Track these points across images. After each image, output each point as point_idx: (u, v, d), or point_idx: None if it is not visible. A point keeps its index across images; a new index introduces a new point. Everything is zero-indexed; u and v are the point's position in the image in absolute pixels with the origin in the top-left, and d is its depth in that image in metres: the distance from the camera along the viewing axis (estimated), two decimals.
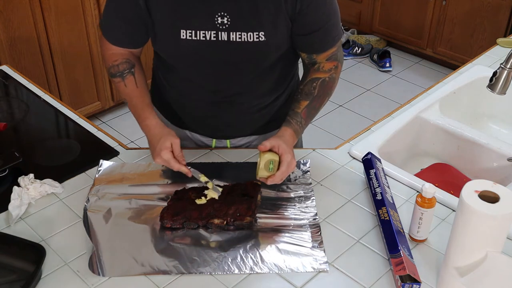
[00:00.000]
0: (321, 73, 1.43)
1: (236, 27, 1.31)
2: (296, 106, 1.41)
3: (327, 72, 1.43)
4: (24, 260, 1.19)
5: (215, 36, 1.32)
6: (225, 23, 1.31)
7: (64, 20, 2.96)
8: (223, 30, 1.31)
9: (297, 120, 1.40)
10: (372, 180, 1.37)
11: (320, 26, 1.36)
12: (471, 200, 1.01)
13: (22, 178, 1.37)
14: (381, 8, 4.20)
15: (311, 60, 1.44)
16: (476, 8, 3.65)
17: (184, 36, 1.32)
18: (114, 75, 1.45)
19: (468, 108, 1.94)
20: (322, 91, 1.43)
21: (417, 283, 1.12)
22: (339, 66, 1.46)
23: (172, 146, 1.36)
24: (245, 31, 1.31)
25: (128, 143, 3.22)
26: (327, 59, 1.43)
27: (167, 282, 1.16)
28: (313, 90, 1.42)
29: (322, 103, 1.45)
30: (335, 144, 1.64)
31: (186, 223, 1.28)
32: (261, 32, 1.31)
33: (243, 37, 1.32)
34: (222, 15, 1.30)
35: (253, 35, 1.32)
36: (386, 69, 4.08)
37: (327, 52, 1.42)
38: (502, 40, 2.23)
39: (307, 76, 1.44)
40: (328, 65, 1.43)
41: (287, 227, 1.29)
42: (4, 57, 2.82)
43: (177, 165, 1.35)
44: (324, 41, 1.40)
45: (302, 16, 1.33)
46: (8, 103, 1.83)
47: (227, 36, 1.32)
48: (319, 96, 1.43)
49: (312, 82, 1.43)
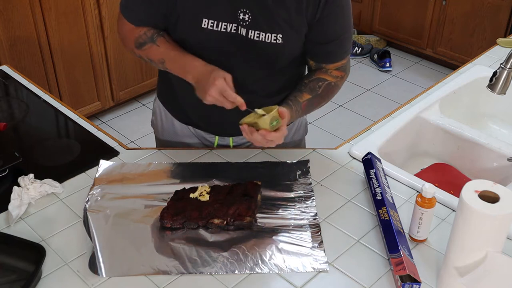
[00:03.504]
0: (328, 76, 1.45)
1: (256, 26, 1.32)
2: (299, 95, 1.42)
3: (334, 78, 1.45)
4: (24, 260, 1.19)
5: (235, 30, 1.33)
6: (246, 19, 1.32)
7: (64, 20, 2.96)
8: (243, 26, 1.33)
9: (296, 108, 1.40)
10: (372, 180, 1.37)
11: (335, 38, 1.39)
12: (471, 200, 1.01)
13: (22, 178, 1.37)
14: (381, 8, 4.20)
15: (319, 67, 1.46)
16: (476, 8, 3.65)
17: (205, 25, 1.33)
18: (144, 44, 1.41)
19: (468, 108, 1.94)
20: (325, 92, 1.45)
21: (417, 283, 1.12)
22: (345, 77, 1.49)
23: (225, 79, 1.30)
24: (264, 31, 1.33)
25: (128, 143, 3.22)
26: (336, 68, 1.45)
27: (167, 282, 1.16)
28: (318, 88, 1.43)
29: (320, 103, 1.47)
30: (335, 144, 1.64)
31: (186, 223, 1.28)
32: (280, 34, 1.33)
33: (261, 36, 1.33)
34: (244, 11, 1.31)
35: (271, 36, 1.33)
36: (386, 69, 4.08)
37: (336, 63, 1.44)
38: (502, 40, 2.23)
39: (314, 75, 1.46)
40: (336, 73, 1.46)
41: (287, 227, 1.29)
42: (4, 57, 2.82)
43: (233, 94, 1.29)
44: (336, 53, 1.43)
45: (320, 25, 1.34)
46: (8, 103, 1.83)
47: (245, 32, 1.33)
48: (322, 96, 1.45)
49: (318, 80, 1.44)
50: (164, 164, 1.50)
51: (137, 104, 3.63)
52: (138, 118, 3.48)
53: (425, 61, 4.20)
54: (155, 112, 1.69)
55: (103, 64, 3.24)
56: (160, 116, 1.66)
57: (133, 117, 3.51)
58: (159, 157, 1.54)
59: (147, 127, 3.34)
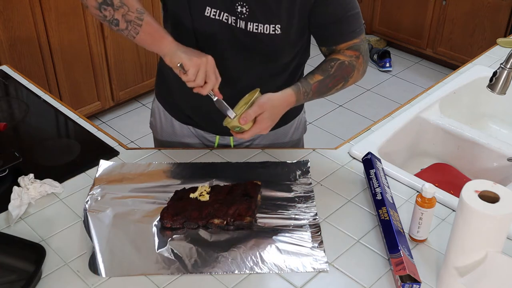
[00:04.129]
0: (341, 56, 1.42)
1: (253, 18, 1.33)
2: (310, 77, 1.41)
3: (348, 57, 1.41)
4: (24, 260, 1.19)
5: (234, 22, 1.34)
6: (243, 12, 1.33)
7: (64, 20, 2.96)
8: (242, 19, 1.33)
9: (305, 90, 1.39)
10: (372, 180, 1.37)
11: (338, 19, 1.36)
12: (471, 200, 1.01)
13: (22, 178, 1.37)
14: (381, 8, 4.20)
15: (331, 51, 1.44)
16: (476, 8, 3.65)
17: (208, 13, 1.33)
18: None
19: (468, 108, 1.94)
20: (339, 72, 1.41)
21: (417, 283, 1.12)
22: (361, 58, 1.43)
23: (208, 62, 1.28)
24: (262, 22, 1.33)
25: (128, 143, 3.22)
26: (347, 48, 1.41)
27: (167, 282, 1.16)
28: (330, 69, 1.41)
29: (336, 84, 1.42)
30: (335, 144, 1.64)
31: (186, 223, 1.28)
32: (278, 25, 1.33)
33: (259, 28, 1.33)
34: (242, 4, 1.32)
35: (269, 28, 1.33)
36: (386, 69, 4.08)
37: (347, 42, 1.41)
38: (502, 40, 2.23)
39: (326, 58, 1.44)
40: (349, 52, 1.42)
41: (287, 227, 1.29)
42: (4, 57, 2.82)
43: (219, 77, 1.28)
44: (343, 33, 1.40)
45: (319, 6, 1.33)
46: (8, 103, 1.83)
47: (244, 25, 1.34)
48: (335, 76, 1.41)
49: (330, 61, 1.42)
50: (164, 164, 1.50)
51: (137, 104, 3.63)
52: (138, 118, 3.48)
53: (425, 61, 4.20)
54: (154, 113, 1.68)
55: (103, 64, 3.24)
56: (159, 117, 1.66)
57: (133, 117, 3.51)
58: (159, 157, 1.54)
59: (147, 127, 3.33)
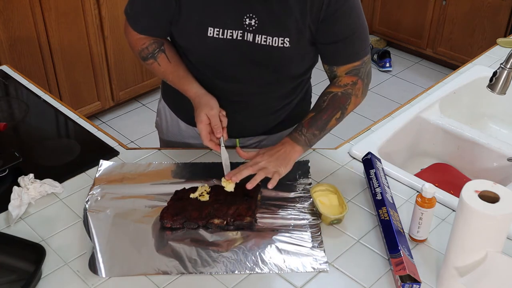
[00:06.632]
0: (335, 88, 1.43)
1: (262, 30, 1.32)
2: (304, 118, 1.43)
3: (342, 87, 1.42)
4: (24, 260, 1.19)
5: (241, 36, 1.33)
6: (252, 24, 1.32)
7: (64, 20, 2.96)
8: (250, 32, 1.32)
9: (298, 130, 1.40)
10: (372, 180, 1.37)
11: (342, 38, 1.36)
12: (471, 200, 1.01)
13: (22, 178, 1.37)
14: (381, 8, 4.20)
15: (332, 73, 1.44)
16: (476, 8, 3.65)
17: (211, 33, 1.33)
18: (146, 58, 1.46)
19: (468, 108, 1.94)
20: (331, 104, 1.42)
21: (417, 283, 1.12)
22: (359, 83, 1.43)
23: (209, 118, 1.37)
24: (271, 35, 1.32)
25: (128, 143, 3.22)
26: (346, 72, 1.41)
27: (167, 282, 1.16)
28: (322, 103, 1.42)
29: (332, 115, 1.41)
30: (335, 144, 1.64)
31: (186, 223, 1.28)
32: (286, 38, 1.32)
33: (268, 40, 1.33)
34: (251, 16, 1.31)
35: (278, 40, 1.33)
36: (386, 69, 4.08)
37: (347, 65, 1.41)
38: (502, 40, 2.23)
39: (321, 93, 1.46)
40: (346, 79, 1.42)
41: (287, 227, 1.29)
42: (4, 57, 2.82)
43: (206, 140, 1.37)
44: (346, 54, 1.40)
45: (325, 25, 1.33)
46: (8, 103, 1.83)
47: (252, 37, 1.33)
48: (327, 109, 1.41)
49: (324, 95, 1.43)
50: (164, 164, 1.50)
51: (137, 104, 3.63)
52: (138, 118, 3.48)
53: (425, 61, 4.20)
54: (160, 113, 1.69)
55: (103, 64, 3.24)
56: (165, 117, 1.66)
57: (133, 117, 3.51)
58: (159, 157, 1.54)
59: (147, 127, 3.37)
